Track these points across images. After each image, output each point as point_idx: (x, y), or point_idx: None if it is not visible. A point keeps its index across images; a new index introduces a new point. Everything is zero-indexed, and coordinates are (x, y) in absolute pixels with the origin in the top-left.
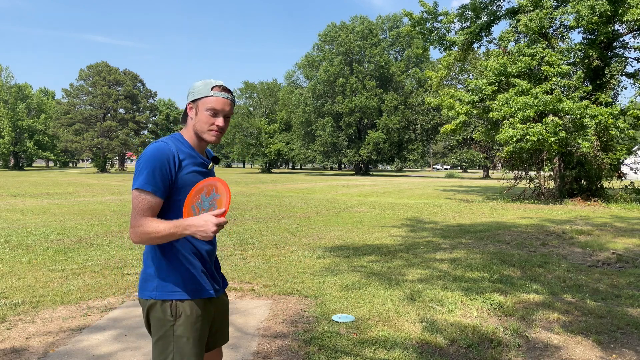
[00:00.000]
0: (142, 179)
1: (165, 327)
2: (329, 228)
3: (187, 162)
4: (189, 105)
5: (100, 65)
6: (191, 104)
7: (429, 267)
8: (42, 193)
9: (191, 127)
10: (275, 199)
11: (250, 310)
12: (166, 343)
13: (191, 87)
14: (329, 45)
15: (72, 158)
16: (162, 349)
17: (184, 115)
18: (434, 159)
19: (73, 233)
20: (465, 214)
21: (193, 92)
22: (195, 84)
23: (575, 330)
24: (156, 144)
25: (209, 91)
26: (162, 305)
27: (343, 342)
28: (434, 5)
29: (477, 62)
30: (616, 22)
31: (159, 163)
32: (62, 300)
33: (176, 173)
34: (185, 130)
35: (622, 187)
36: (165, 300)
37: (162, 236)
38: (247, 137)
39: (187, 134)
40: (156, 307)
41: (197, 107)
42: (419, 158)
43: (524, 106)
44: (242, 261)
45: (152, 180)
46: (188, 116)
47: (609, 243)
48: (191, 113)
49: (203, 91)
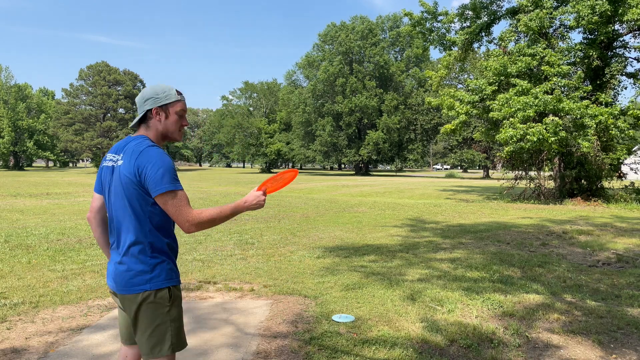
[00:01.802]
0: (174, 180)
1: (162, 314)
2: (329, 228)
3: None
4: (154, 110)
5: (100, 65)
6: (157, 109)
7: (429, 267)
8: (42, 193)
9: (156, 130)
10: (275, 199)
11: (251, 310)
12: (163, 329)
13: (151, 92)
14: (329, 45)
15: (72, 158)
16: (160, 336)
17: (142, 120)
18: (434, 159)
19: (73, 233)
20: (465, 214)
21: (159, 98)
22: (156, 90)
23: (575, 330)
24: (159, 149)
25: (177, 96)
26: (157, 294)
27: (343, 342)
28: (434, 5)
29: (477, 62)
30: (616, 22)
31: (172, 164)
32: (62, 300)
33: None
34: (149, 133)
35: (622, 187)
36: (161, 289)
37: (226, 216)
38: (247, 137)
39: (152, 136)
40: (150, 298)
41: (166, 112)
42: (419, 158)
43: (524, 106)
44: (242, 261)
45: (178, 178)
46: (152, 120)
47: (609, 243)
48: (157, 117)
49: (171, 96)
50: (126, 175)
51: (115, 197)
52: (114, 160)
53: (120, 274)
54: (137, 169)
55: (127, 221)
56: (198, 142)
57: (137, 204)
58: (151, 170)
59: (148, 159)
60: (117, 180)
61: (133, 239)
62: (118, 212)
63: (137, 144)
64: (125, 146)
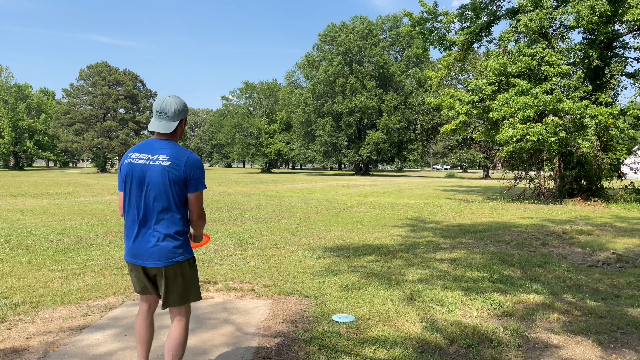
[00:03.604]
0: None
1: (194, 275)
2: (329, 228)
3: None
4: (183, 120)
5: (100, 65)
6: (184, 119)
7: (429, 267)
8: (42, 193)
9: (179, 137)
10: (275, 199)
11: (251, 310)
12: (194, 285)
13: (182, 105)
14: (328, 45)
15: (72, 158)
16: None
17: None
18: (434, 159)
19: (73, 233)
20: (465, 214)
21: (185, 111)
22: (183, 103)
23: (575, 330)
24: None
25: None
26: (189, 260)
27: (343, 342)
28: (434, 5)
29: (477, 62)
30: (616, 22)
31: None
32: (62, 300)
33: None
34: (175, 138)
35: (622, 187)
36: (190, 257)
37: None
38: (247, 137)
39: (177, 141)
40: (185, 265)
41: (184, 122)
42: (419, 158)
43: (524, 106)
44: (242, 261)
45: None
46: (179, 128)
47: (609, 243)
48: (182, 126)
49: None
50: (175, 174)
51: (154, 190)
52: (146, 159)
53: (159, 250)
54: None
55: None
56: (198, 142)
57: (177, 197)
58: (197, 172)
59: (198, 163)
60: (160, 176)
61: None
62: (157, 203)
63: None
64: (158, 148)
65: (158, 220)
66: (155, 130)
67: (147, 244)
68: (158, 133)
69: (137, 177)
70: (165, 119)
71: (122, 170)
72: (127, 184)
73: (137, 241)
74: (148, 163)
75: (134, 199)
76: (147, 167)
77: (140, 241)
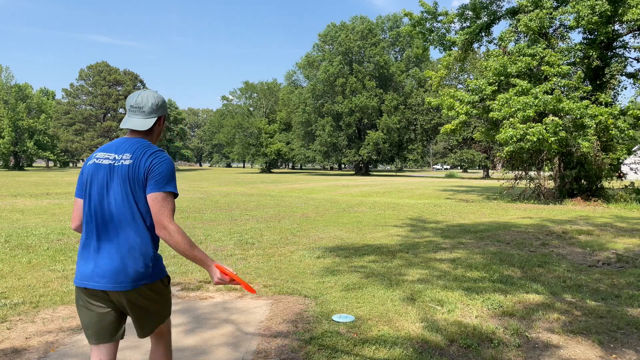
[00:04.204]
0: (175, 186)
1: (169, 295)
2: (329, 228)
3: None
4: (162, 117)
5: (100, 65)
6: (163, 117)
7: (429, 267)
8: (42, 193)
9: (156, 135)
10: (276, 199)
11: (251, 310)
12: (168, 305)
13: (160, 100)
14: (328, 45)
15: (72, 158)
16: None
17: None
18: (434, 159)
19: (73, 233)
20: (465, 214)
21: (164, 107)
22: (161, 98)
23: (575, 330)
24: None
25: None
26: (163, 280)
27: (343, 342)
28: (434, 5)
29: (477, 62)
30: (616, 22)
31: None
32: (62, 300)
33: None
34: (151, 138)
35: (622, 187)
36: (164, 278)
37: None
38: (247, 137)
39: (153, 140)
40: (158, 285)
41: (163, 120)
42: (419, 158)
43: (524, 106)
44: (243, 261)
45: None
46: (156, 126)
47: (609, 243)
48: (160, 124)
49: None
50: (135, 172)
51: (116, 194)
52: (111, 159)
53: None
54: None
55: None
56: (198, 142)
57: (142, 203)
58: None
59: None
60: (122, 179)
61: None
62: (122, 211)
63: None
64: (127, 146)
65: (123, 233)
66: (129, 127)
67: (110, 263)
68: (131, 131)
69: (99, 181)
70: (141, 115)
71: (83, 172)
72: (86, 189)
73: (97, 260)
74: (113, 164)
75: (93, 207)
76: (112, 168)
77: (100, 260)
